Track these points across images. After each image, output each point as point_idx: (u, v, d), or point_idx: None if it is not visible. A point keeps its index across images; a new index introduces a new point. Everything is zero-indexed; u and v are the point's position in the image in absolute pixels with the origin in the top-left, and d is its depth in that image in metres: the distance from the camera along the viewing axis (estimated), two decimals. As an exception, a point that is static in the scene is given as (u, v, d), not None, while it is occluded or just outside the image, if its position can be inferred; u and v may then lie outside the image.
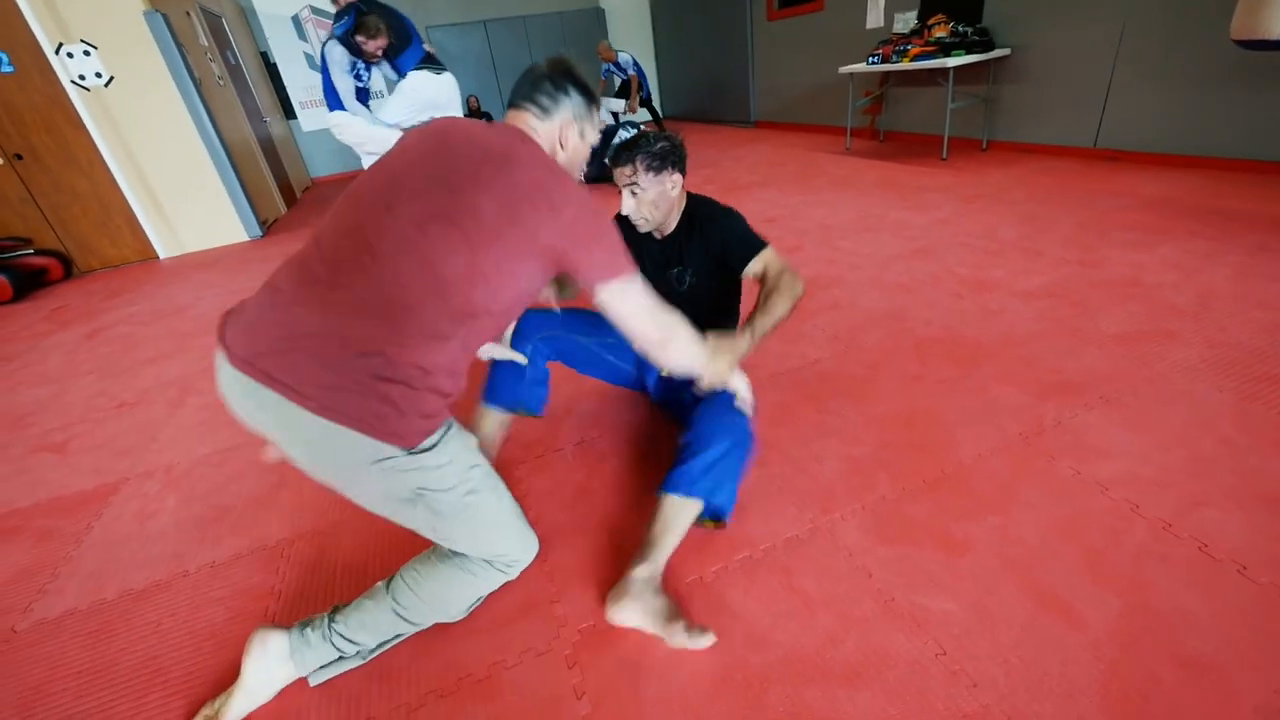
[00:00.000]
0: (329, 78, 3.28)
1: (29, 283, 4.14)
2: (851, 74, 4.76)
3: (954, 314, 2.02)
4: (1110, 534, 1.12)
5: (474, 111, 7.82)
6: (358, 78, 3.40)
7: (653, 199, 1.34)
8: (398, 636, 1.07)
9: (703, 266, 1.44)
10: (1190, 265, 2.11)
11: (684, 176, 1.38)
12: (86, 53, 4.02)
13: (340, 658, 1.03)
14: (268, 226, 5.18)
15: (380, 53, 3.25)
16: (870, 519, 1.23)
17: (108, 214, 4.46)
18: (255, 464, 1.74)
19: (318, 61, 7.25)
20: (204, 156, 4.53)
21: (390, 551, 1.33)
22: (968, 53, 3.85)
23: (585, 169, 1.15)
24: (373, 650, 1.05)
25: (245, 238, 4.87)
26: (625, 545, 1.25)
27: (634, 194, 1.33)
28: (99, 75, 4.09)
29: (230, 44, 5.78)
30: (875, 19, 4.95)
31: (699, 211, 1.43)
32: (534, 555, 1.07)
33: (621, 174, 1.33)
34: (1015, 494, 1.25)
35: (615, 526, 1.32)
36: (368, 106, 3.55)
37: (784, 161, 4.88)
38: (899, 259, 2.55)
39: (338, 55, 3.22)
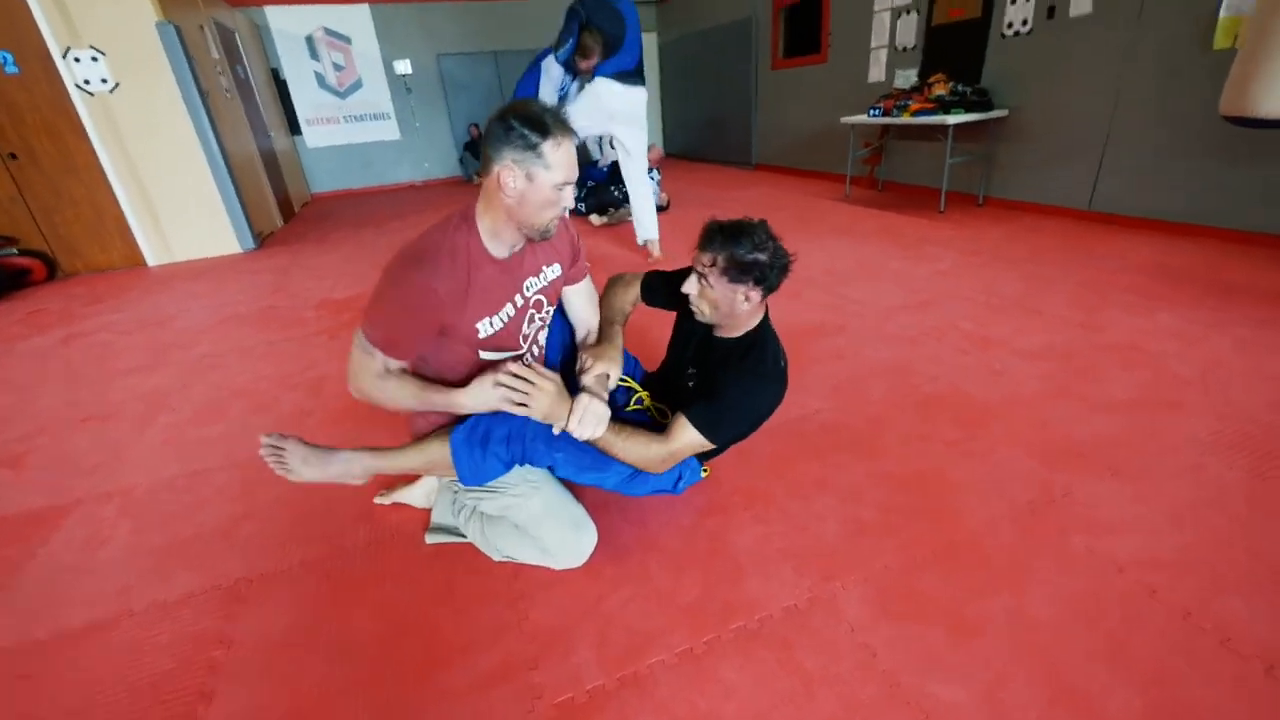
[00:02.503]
0: (535, 85, 3.24)
1: (10, 283, 4.03)
2: (853, 124, 4.86)
3: (958, 370, 1.99)
4: (1128, 620, 1.06)
5: (475, 139, 7.93)
6: (560, 86, 3.36)
7: (717, 300, 1.17)
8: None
9: (708, 389, 1.24)
10: (1193, 334, 2.10)
11: (767, 294, 1.18)
12: (94, 58, 4.01)
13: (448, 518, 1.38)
14: (262, 239, 5.12)
15: (590, 69, 3.20)
16: (874, 590, 1.16)
17: (100, 219, 4.39)
18: (224, 490, 1.64)
19: (330, 79, 7.37)
20: (203, 167, 4.49)
21: (352, 607, 1.23)
22: (967, 111, 3.95)
23: (563, 209, 1.11)
24: (462, 536, 1.36)
25: (238, 249, 4.81)
26: (609, 599, 1.16)
27: (698, 281, 1.18)
28: (104, 81, 4.08)
29: (241, 59, 5.83)
30: (877, 74, 5.09)
31: (749, 352, 1.22)
32: (578, 558, 1.26)
33: (700, 257, 1.17)
34: (1028, 570, 1.18)
35: (606, 577, 1.23)
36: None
37: (783, 205, 4.93)
38: (901, 310, 2.53)
39: (556, 73, 3.20)
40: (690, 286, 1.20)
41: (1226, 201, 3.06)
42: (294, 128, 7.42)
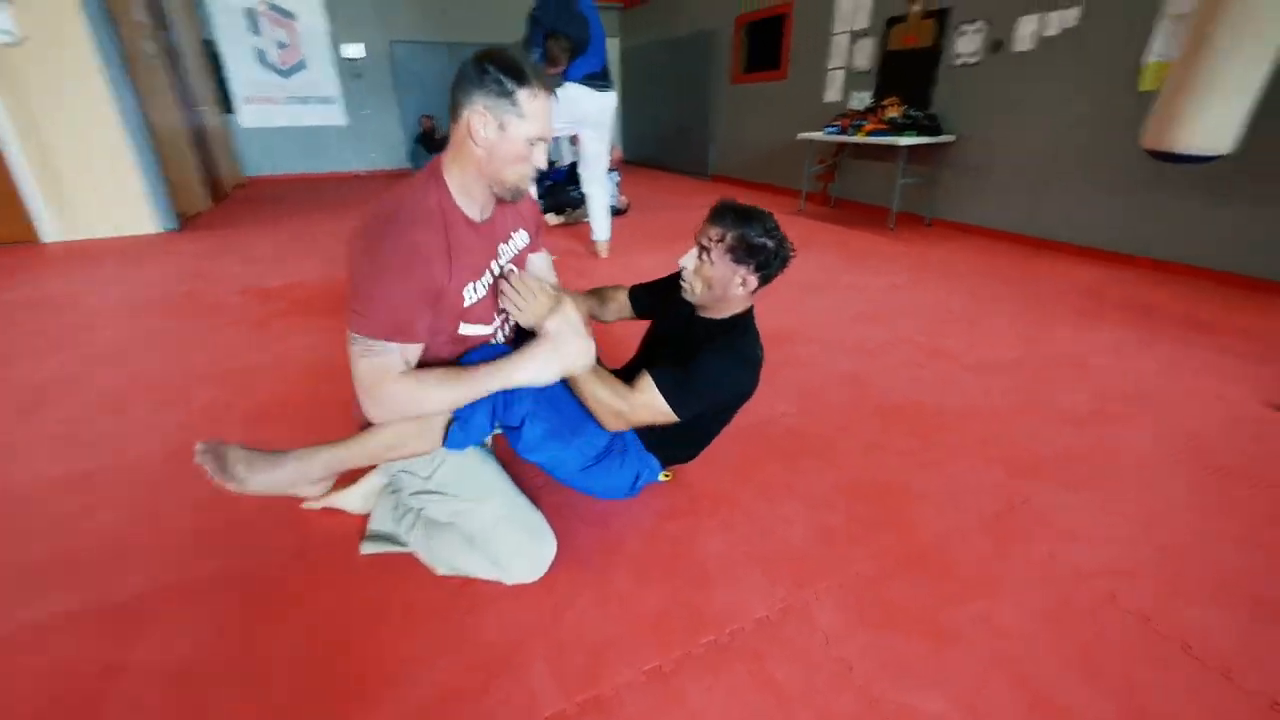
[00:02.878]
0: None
1: None
2: (810, 140, 4.97)
3: (915, 382, 2.01)
4: (1095, 628, 1.05)
5: (427, 131, 7.65)
6: None
7: (713, 276, 1.15)
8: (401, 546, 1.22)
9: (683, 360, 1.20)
10: (1128, 351, 2.22)
11: (761, 284, 1.17)
12: (-7, 6, 3.57)
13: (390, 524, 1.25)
14: (185, 220, 4.70)
15: (558, 75, 3.09)
16: (848, 599, 1.11)
17: (-13, 185, 3.89)
18: (119, 493, 1.43)
19: (273, 57, 6.92)
20: (119, 137, 4.08)
21: (270, 627, 1.08)
22: (918, 134, 4.11)
23: (534, 169, 1.01)
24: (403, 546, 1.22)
25: (156, 229, 4.39)
26: (567, 611, 1.06)
27: (700, 256, 1.16)
28: (7, 32, 3.64)
29: (170, 25, 5.37)
30: (833, 94, 5.24)
31: (733, 331, 1.20)
32: (536, 571, 1.15)
33: (705, 230, 1.15)
34: (997, 578, 1.17)
35: (562, 586, 1.13)
36: None
37: (742, 215, 4.97)
38: (857, 321, 2.56)
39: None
40: (689, 260, 1.18)
41: (1151, 233, 3.29)
42: (228, 105, 6.91)
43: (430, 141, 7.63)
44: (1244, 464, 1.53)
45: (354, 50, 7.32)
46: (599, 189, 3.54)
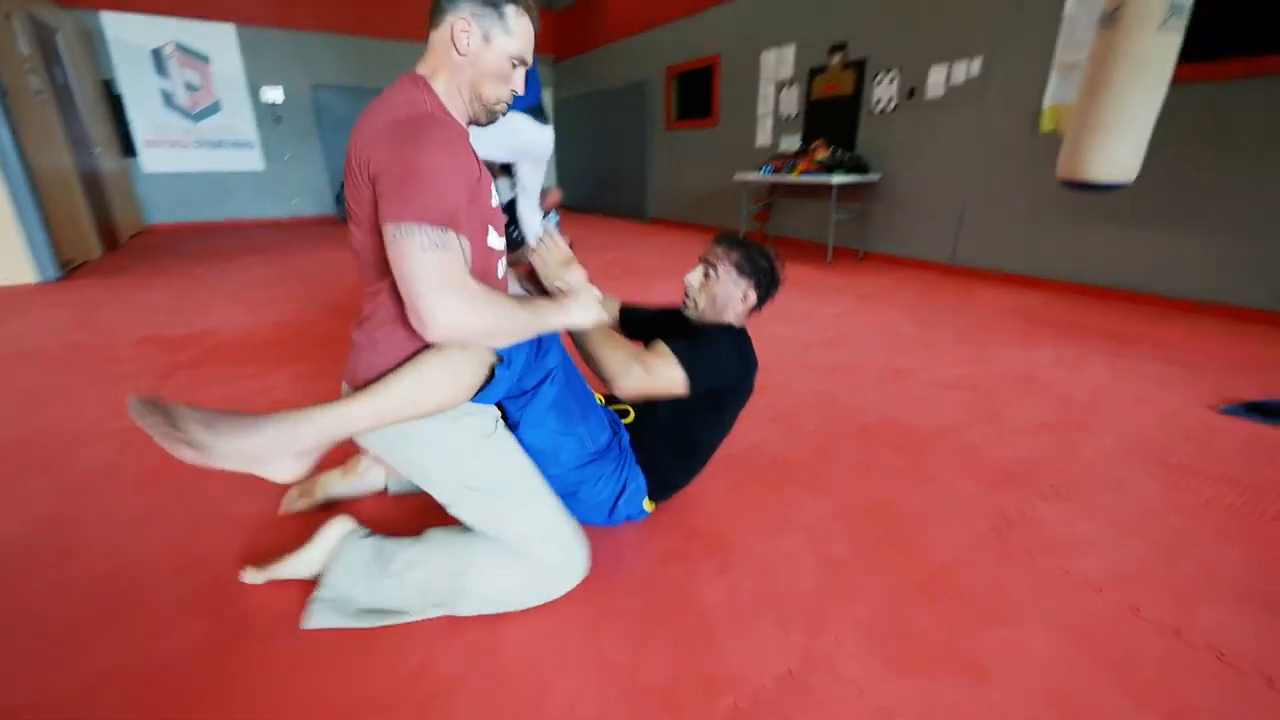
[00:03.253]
0: None
1: None
2: (745, 182, 5.15)
3: (883, 401, 1.99)
4: (1126, 645, 0.99)
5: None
6: None
7: (718, 291, 1.26)
8: (399, 614, 1.02)
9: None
10: (1068, 364, 2.31)
11: (757, 305, 1.30)
12: None
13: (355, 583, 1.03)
14: (71, 268, 4.19)
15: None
16: (870, 640, 1.00)
17: None
18: (-45, 589, 1.11)
19: (181, 100, 6.50)
20: (-8, 176, 3.61)
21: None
22: (848, 173, 4.33)
23: (511, 93, 0.98)
24: (368, 613, 1.02)
25: (33, 279, 3.87)
26: (552, 695, 0.88)
27: (706, 272, 1.27)
28: None
29: (62, 62, 4.94)
30: (763, 138, 5.49)
31: (730, 325, 1.30)
32: (577, 578, 1.06)
33: (713, 250, 1.29)
34: (1014, 599, 1.09)
35: (545, 661, 0.94)
36: None
37: (683, 252, 5.03)
38: (816, 346, 2.55)
39: None
40: (694, 276, 1.29)
41: (1062, 259, 3.56)
42: (129, 149, 6.39)
43: (358, 187, 7.36)
44: (1203, 462, 1.57)
45: (273, 94, 7.02)
46: (535, 217, 3.55)
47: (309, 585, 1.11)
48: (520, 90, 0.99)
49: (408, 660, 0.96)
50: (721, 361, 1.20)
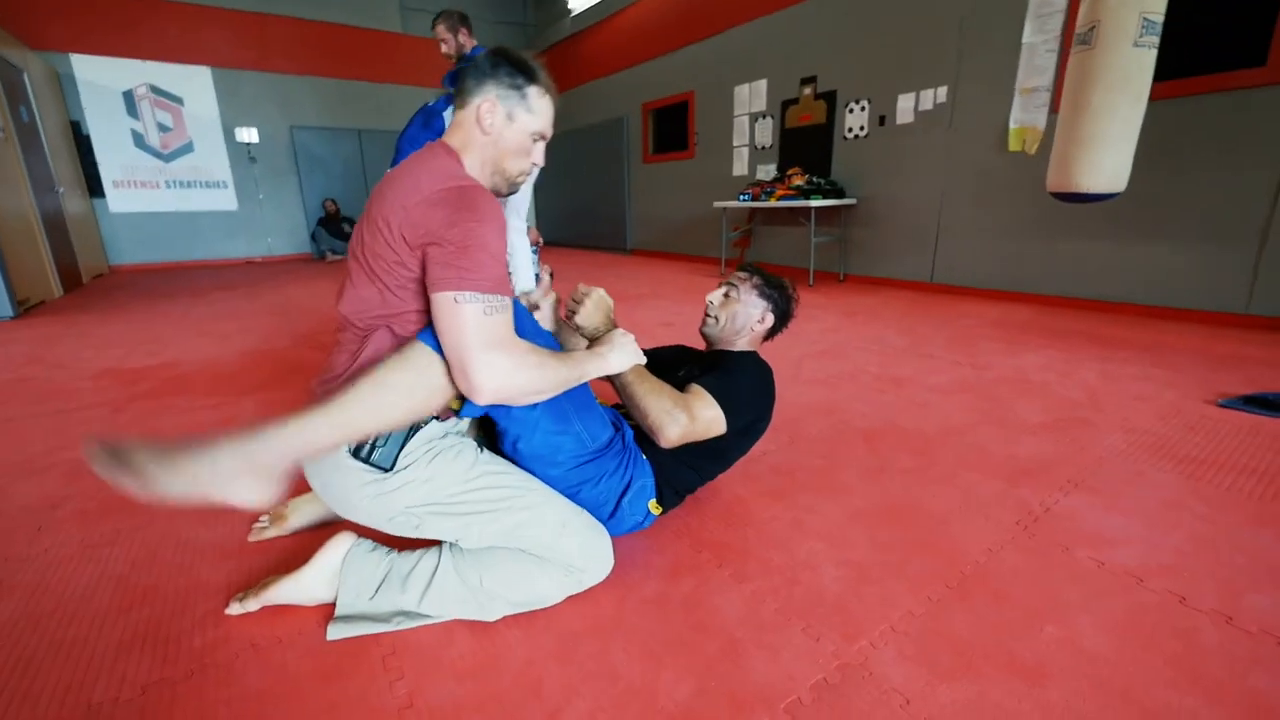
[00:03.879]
0: (419, 137, 2.73)
1: None
2: (724, 209, 5.22)
3: (884, 406, 1.93)
4: (1182, 636, 0.91)
5: (331, 215, 7.37)
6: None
7: (737, 312, 1.32)
8: (419, 617, 0.96)
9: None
10: (1060, 368, 2.30)
11: (772, 330, 1.38)
12: None
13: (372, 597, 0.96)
14: (27, 308, 3.99)
15: None
16: (910, 645, 0.90)
17: None
18: None
19: (152, 140, 6.41)
20: (-55, 212, 3.45)
21: None
22: (825, 198, 4.41)
23: (532, 167, 1.07)
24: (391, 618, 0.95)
25: (-15, 318, 3.67)
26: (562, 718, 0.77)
27: (727, 293, 1.34)
28: None
29: (28, 101, 4.85)
30: (740, 168, 5.61)
31: (747, 353, 1.35)
32: (605, 567, 1.02)
33: (736, 274, 1.37)
34: (1055, 595, 1.01)
35: (552, 684, 0.83)
36: None
37: (666, 280, 5.03)
38: (808, 358, 2.51)
39: (439, 125, 2.77)
40: (716, 294, 1.35)
41: (1038, 272, 3.63)
42: (95, 190, 6.24)
43: (332, 225, 7.30)
44: (1213, 453, 1.54)
45: (248, 134, 6.99)
46: (521, 238, 3.53)
47: (274, 614, 0.98)
48: (541, 163, 1.07)
49: (393, 692, 0.83)
50: (752, 393, 1.22)
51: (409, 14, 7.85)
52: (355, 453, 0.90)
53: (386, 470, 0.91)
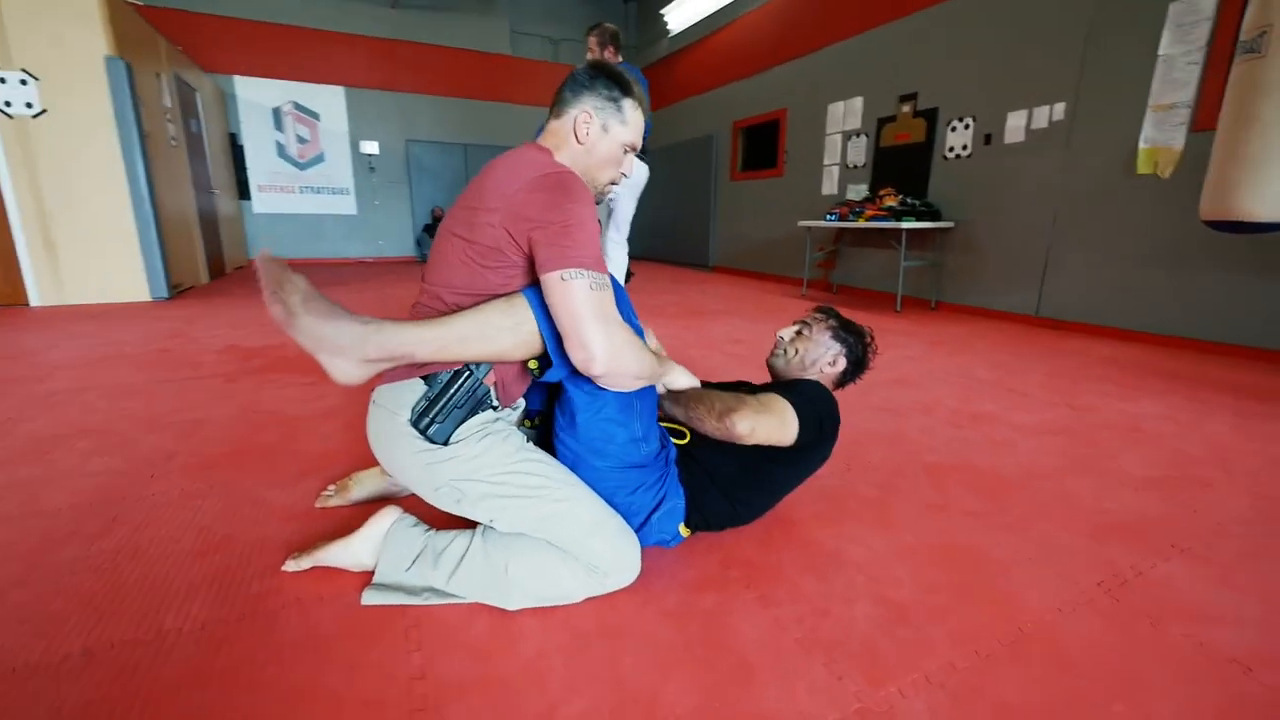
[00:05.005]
0: None
1: None
2: (809, 228, 5.08)
3: (958, 442, 1.78)
4: (1295, 743, 0.76)
5: (437, 220, 7.93)
6: None
7: (808, 351, 1.30)
8: (446, 596, 0.99)
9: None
10: (1183, 418, 2.01)
11: (844, 377, 1.33)
12: (23, 81, 3.71)
13: (407, 569, 1.00)
14: (179, 290, 4.62)
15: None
16: (944, 699, 0.82)
17: (-19, 248, 3.83)
18: (5, 545, 1.14)
19: (292, 151, 7.28)
20: (125, 208, 4.10)
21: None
22: (917, 220, 4.17)
23: (621, 175, 1.10)
24: (423, 592, 0.99)
25: (147, 297, 4.29)
26: (561, 714, 0.76)
27: (800, 330, 1.32)
28: (29, 105, 3.75)
29: (198, 114, 5.67)
30: (830, 187, 5.45)
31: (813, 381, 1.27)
32: (631, 574, 1.01)
33: (812, 314, 1.36)
34: (1134, 672, 0.88)
35: (555, 678, 0.83)
36: None
37: (744, 298, 4.96)
38: (880, 385, 2.37)
39: None
40: (788, 330, 1.33)
41: (1167, 310, 3.21)
42: (244, 193, 7.15)
43: (436, 230, 7.90)
44: (1376, 536, 1.27)
45: (370, 147, 7.73)
46: (622, 252, 3.63)
47: (324, 574, 1.06)
48: (630, 173, 1.11)
49: (409, 661, 0.87)
50: (821, 408, 1.16)
51: (518, 38, 8.39)
52: (415, 423, 0.96)
53: (441, 444, 0.96)
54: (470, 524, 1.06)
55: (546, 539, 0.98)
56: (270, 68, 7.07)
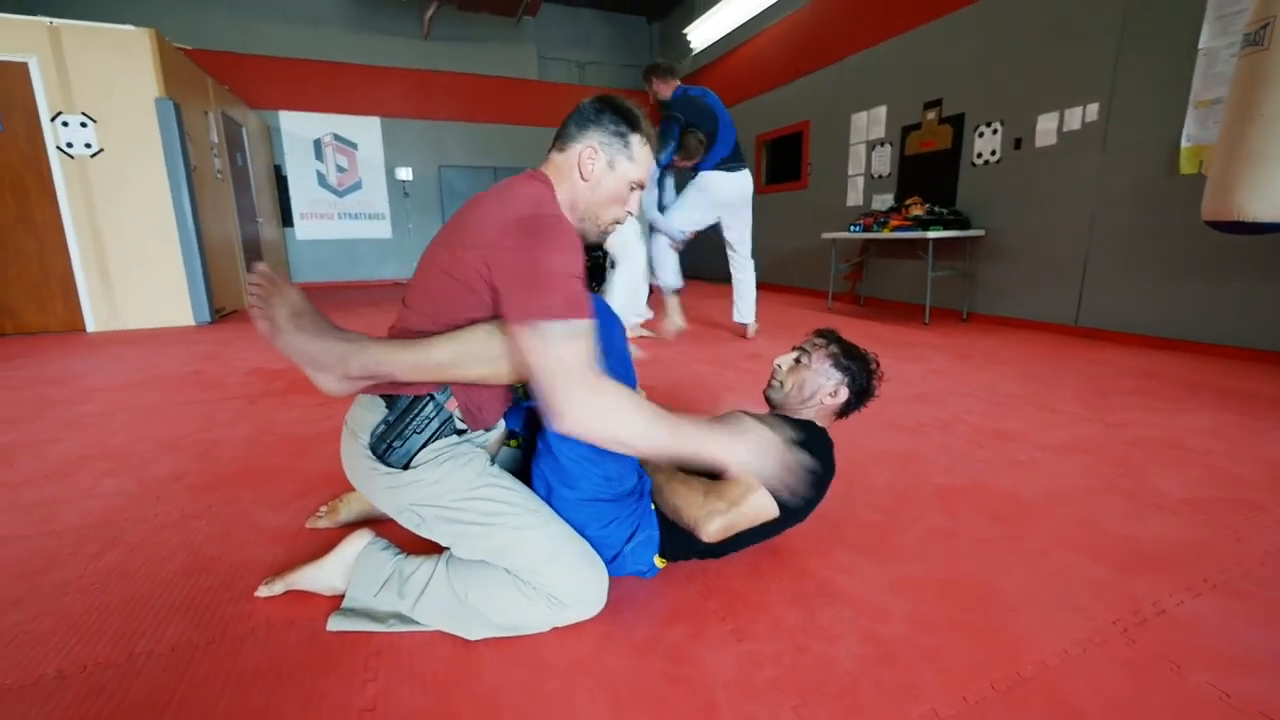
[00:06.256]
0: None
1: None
2: (834, 240, 4.97)
3: (976, 462, 1.68)
4: (1337, 819, 0.66)
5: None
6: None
7: (806, 380, 1.21)
8: (411, 623, 0.96)
9: None
10: (1232, 436, 1.85)
11: (846, 407, 1.24)
12: (83, 124, 4.01)
13: (375, 594, 0.98)
14: (222, 314, 4.86)
15: (692, 166, 3.14)
16: (922, 750, 0.75)
17: (45, 278, 4.13)
18: (9, 565, 1.19)
19: (331, 179, 7.64)
20: (172, 238, 4.35)
21: (106, 740, 0.77)
22: (945, 229, 4.03)
23: (626, 214, 1.06)
24: (388, 619, 0.97)
25: (191, 321, 4.52)
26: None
27: (798, 359, 1.24)
28: (88, 146, 4.05)
29: (243, 148, 6.00)
30: (855, 198, 5.33)
31: (809, 423, 1.21)
32: (594, 607, 0.96)
33: (812, 339, 1.27)
34: (1146, 724, 0.78)
35: (506, 716, 0.80)
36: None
37: (767, 312, 4.87)
38: (897, 400, 2.26)
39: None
40: (785, 359, 1.25)
41: (1213, 318, 2.98)
42: (287, 220, 7.52)
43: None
44: None
45: (405, 173, 8.03)
46: (746, 274, 3.59)
47: (297, 598, 1.06)
48: (635, 212, 1.06)
49: (363, 692, 0.85)
50: (823, 474, 1.10)
51: (545, 63, 8.62)
52: (373, 447, 0.96)
53: (399, 469, 0.96)
54: (440, 548, 1.04)
55: (505, 567, 0.96)
56: (311, 102, 7.45)
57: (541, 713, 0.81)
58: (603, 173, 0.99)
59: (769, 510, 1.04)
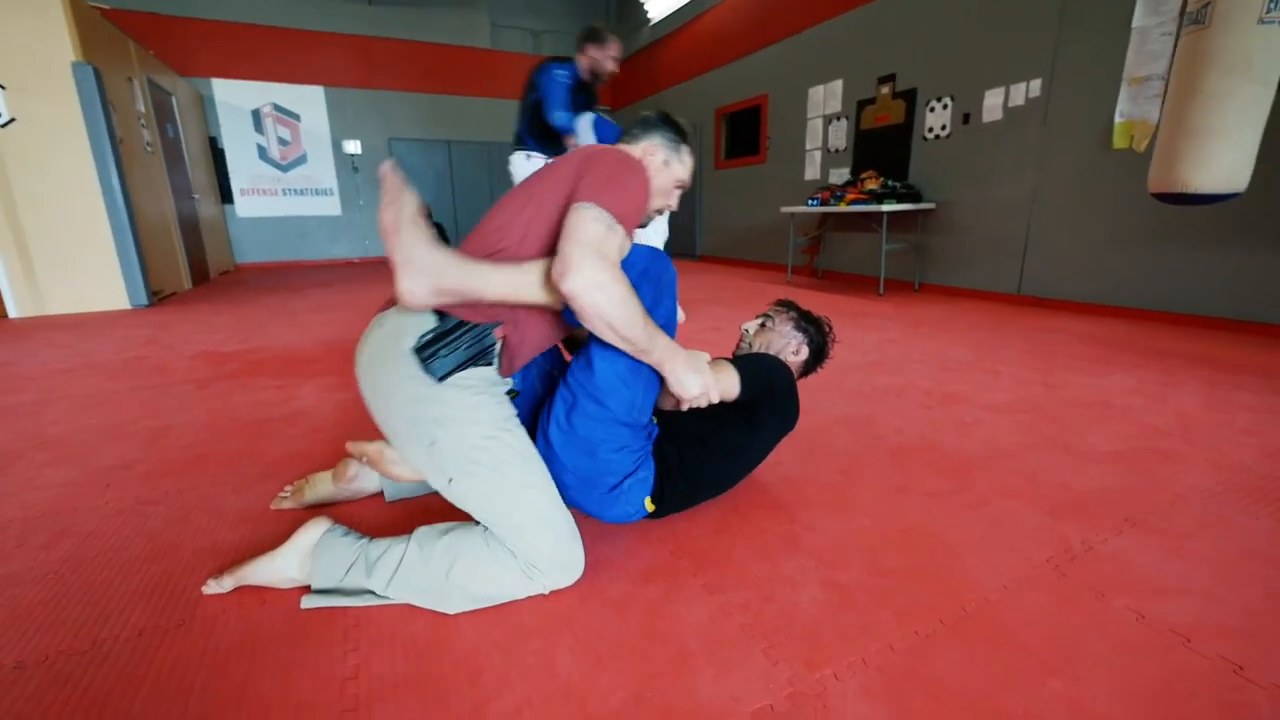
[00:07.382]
0: (559, 95, 2.96)
1: None
2: (793, 214, 5.05)
3: (926, 423, 1.78)
4: (1228, 711, 0.76)
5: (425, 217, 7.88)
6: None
7: (772, 342, 1.38)
8: (384, 599, 0.98)
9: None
10: (1151, 392, 2.01)
11: (807, 366, 1.41)
12: (-12, 91, 3.67)
13: (342, 579, 0.99)
14: (160, 297, 4.59)
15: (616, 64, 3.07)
16: (878, 681, 0.81)
17: (-45, 262, 3.80)
18: (-55, 563, 1.13)
19: (273, 153, 7.22)
20: (100, 216, 4.06)
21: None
22: (898, 202, 4.15)
23: (667, 209, 1.25)
24: (360, 594, 0.99)
25: (127, 305, 4.26)
26: (489, 710, 0.76)
27: (763, 324, 1.41)
28: (-4, 115, 3.71)
29: (174, 119, 5.61)
30: (812, 172, 5.41)
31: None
32: (571, 575, 1.00)
33: (774, 307, 1.44)
34: (1073, 646, 0.87)
35: (489, 672, 0.82)
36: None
37: (729, 287, 4.94)
38: (855, 370, 2.36)
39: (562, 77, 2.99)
40: (752, 323, 1.42)
41: (1142, 284, 3.20)
42: (226, 197, 7.10)
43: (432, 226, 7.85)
44: (1334, 503, 1.27)
45: (353, 146, 7.67)
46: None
47: (258, 597, 1.05)
48: (674, 206, 1.27)
49: (344, 661, 0.86)
50: (770, 370, 1.25)
51: (499, 31, 8.30)
52: (419, 350, 0.96)
53: (436, 379, 0.95)
54: (402, 530, 1.04)
55: (490, 522, 0.97)
56: (247, 69, 6.99)
57: (523, 670, 0.84)
58: (659, 167, 1.17)
59: (732, 386, 1.15)
